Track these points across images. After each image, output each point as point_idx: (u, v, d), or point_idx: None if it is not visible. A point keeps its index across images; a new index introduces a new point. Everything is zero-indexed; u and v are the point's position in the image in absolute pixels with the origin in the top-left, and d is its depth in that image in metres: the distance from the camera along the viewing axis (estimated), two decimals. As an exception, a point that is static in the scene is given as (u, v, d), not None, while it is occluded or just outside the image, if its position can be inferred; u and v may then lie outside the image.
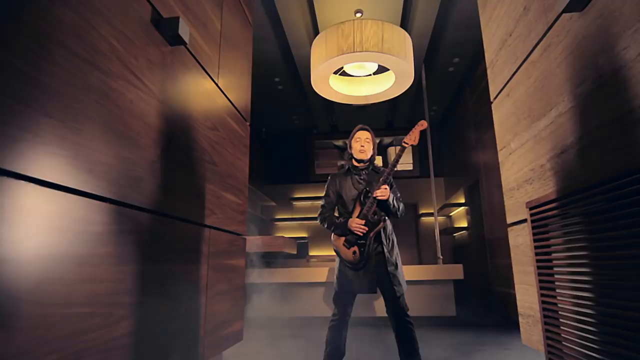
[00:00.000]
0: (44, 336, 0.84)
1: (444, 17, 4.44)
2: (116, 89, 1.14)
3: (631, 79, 1.07)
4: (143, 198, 1.24)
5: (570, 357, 1.48)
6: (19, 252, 0.79)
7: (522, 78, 1.83)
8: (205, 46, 1.84)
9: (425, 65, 5.46)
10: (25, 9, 0.83)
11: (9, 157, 0.76)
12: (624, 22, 1.09)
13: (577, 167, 1.38)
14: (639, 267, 1.09)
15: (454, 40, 4.89)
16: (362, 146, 2.22)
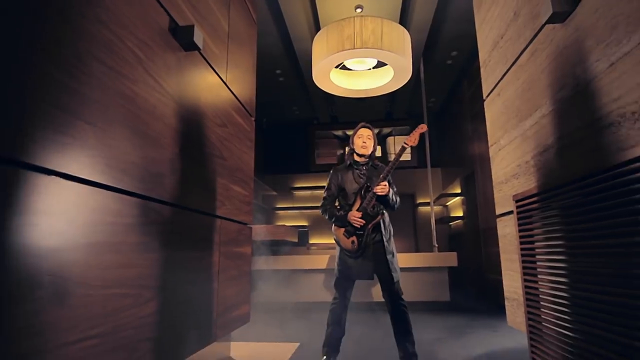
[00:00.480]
0: (88, 313, 0.97)
1: (442, 11, 4.51)
2: (140, 94, 1.26)
3: (601, 89, 1.19)
4: (164, 192, 1.37)
5: (548, 335, 1.62)
6: (67, 242, 0.92)
7: (512, 79, 1.94)
8: (214, 48, 1.95)
9: (424, 58, 5.54)
10: (67, 28, 0.95)
11: (56, 159, 0.89)
12: (597, 37, 1.21)
13: (557, 165, 1.51)
14: (609, 255, 1.22)
15: (453, 34, 4.97)
16: (364, 142, 2.34)
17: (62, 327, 0.89)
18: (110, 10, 1.11)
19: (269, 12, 4.44)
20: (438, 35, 5.05)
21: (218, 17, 2.04)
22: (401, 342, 2.11)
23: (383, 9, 4.21)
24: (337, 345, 2.25)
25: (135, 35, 1.24)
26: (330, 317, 2.27)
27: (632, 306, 1.09)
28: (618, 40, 1.11)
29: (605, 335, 1.23)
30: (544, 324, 1.68)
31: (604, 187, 1.22)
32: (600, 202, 1.25)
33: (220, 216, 1.94)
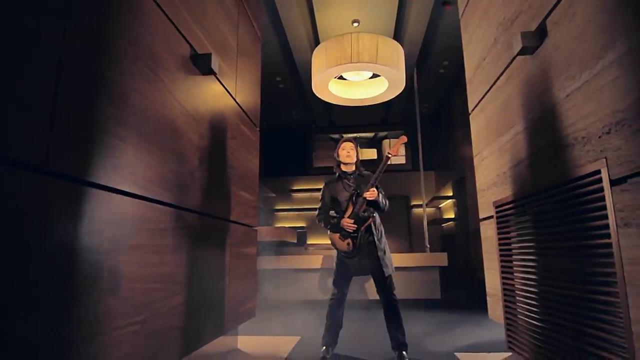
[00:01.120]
0: (133, 303, 1.17)
1: (434, 25, 4.73)
2: (168, 116, 1.45)
3: (561, 115, 1.40)
4: (188, 201, 1.57)
5: (521, 326, 1.83)
6: (118, 245, 1.11)
7: (492, 98, 2.15)
8: (226, 68, 2.14)
9: (417, 67, 5.75)
10: (116, 68, 1.14)
11: (108, 177, 1.08)
12: (557, 70, 1.42)
13: (529, 176, 1.72)
14: (572, 255, 1.41)
15: (444, 46, 5.18)
16: (348, 152, 2.54)
17: (115, 314, 1.08)
18: (145, 47, 1.31)
19: (270, 23, 4.63)
20: (430, 46, 5.27)
21: (228, 39, 2.23)
22: (393, 333, 2.32)
23: (379, 23, 4.42)
24: (336, 337, 2.45)
25: (164, 65, 1.44)
26: (329, 311, 2.47)
27: (582, 298, 1.30)
28: (572, 76, 1.32)
29: (563, 323, 1.44)
30: (518, 316, 1.88)
31: (564, 198, 1.42)
32: (561, 210, 1.46)
33: (232, 220, 2.13)
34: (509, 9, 1.87)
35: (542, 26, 1.51)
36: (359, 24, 4.42)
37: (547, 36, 1.48)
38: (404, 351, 2.27)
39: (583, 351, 1.29)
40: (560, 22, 1.39)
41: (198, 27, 1.76)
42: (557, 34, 1.42)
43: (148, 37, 1.32)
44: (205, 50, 1.79)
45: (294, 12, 4.20)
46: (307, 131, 9.23)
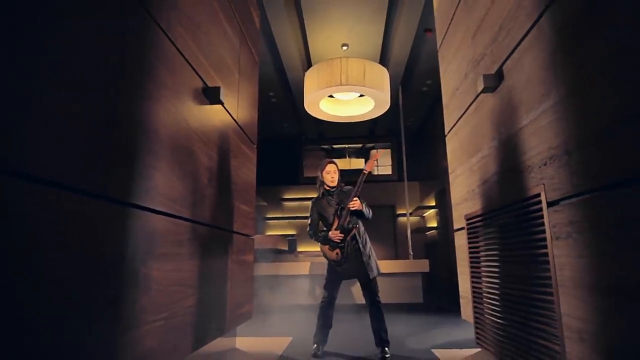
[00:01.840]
0: (159, 302, 1.38)
1: (417, 48, 5.04)
2: (185, 144, 1.67)
3: (515, 145, 1.66)
4: (199, 215, 1.79)
5: (487, 324, 2.08)
6: (149, 253, 1.32)
7: (464, 123, 2.42)
8: (229, 94, 2.37)
9: (402, 86, 6.06)
10: (149, 108, 1.36)
11: (143, 198, 1.30)
12: (512, 108, 1.68)
13: (493, 194, 1.98)
14: (523, 262, 1.66)
15: (426, 67, 5.50)
16: (332, 177, 2.77)
17: (146, 311, 1.29)
18: (170, 86, 1.53)
19: (265, 44, 4.88)
20: (414, 67, 5.58)
21: (232, 69, 2.47)
22: (376, 331, 2.55)
23: (366, 47, 4.71)
24: (326, 336, 2.67)
25: (183, 99, 1.67)
26: (320, 313, 2.69)
27: (529, 297, 1.55)
28: (521, 115, 1.59)
29: (517, 319, 1.69)
30: (485, 315, 2.13)
31: (518, 214, 1.68)
32: (516, 224, 1.72)
33: (234, 231, 2.35)
34: (476, 50, 2.15)
35: (500, 71, 1.79)
36: (348, 48, 4.70)
37: (504, 79, 1.76)
38: (386, 347, 2.51)
39: (530, 342, 1.54)
40: (512, 70, 1.66)
41: (209, 63, 1.99)
42: (511, 79, 1.69)
43: (171, 78, 1.55)
44: (214, 84, 2.02)
45: (288, 35, 4.46)
46: (298, 142, 9.49)
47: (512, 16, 1.67)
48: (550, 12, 1.37)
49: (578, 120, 1.20)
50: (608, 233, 1.07)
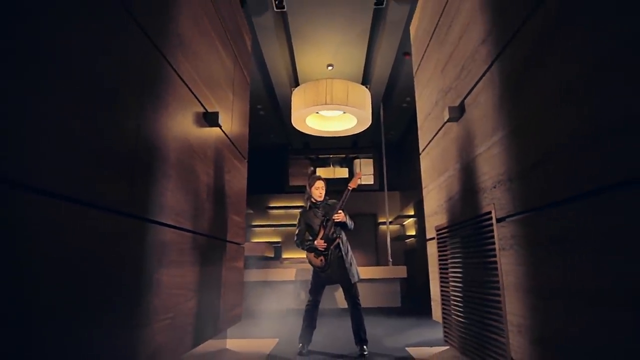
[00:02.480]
0: (166, 304, 1.57)
1: (397, 69, 5.34)
2: (190, 164, 1.87)
3: (474, 168, 1.92)
4: (199, 226, 1.98)
5: (453, 323, 2.33)
6: (160, 260, 1.52)
7: (435, 145, 2.69)
8: (225, 117, 2.58)
9: (383, 102, 6.36)
10: (163, 135, 1.56)
11: (159, 214, 1.49)
12: (471, 137, 1.95)
13: (457, 209, 2.24)
14: (480, 268, 1.90)
15: (405, 85, 5.80)
16: (320, 192, 3.00)
17: (156, 311, 1.48)
18: (177, 115, 1.74)
19: (255, 62, 5.10)
20: (394, 85, 5.89)
21: (227, 92, 2.68)
22: (356, 331, 2.77)
23: (350, 67, 4.99)
24: (310, 337, 2.87)
25: (187, 125, 1.87)
26: (305, 315, 2.89)
27: (484, 299, 1.80)
28: (478, 144, 1.85)
29: (475, 318, 1.93)
30: (452, 316, 2.38)
31: (475, 227, 1.94)
32: (474, 236, 1.97)
33: (227, 240, 2.54)
34: (445, 82, 2.42)
35: (462, 104, 2.05)
36: (333, 68, 4.97)
37: (465, 112, 2.03)
38: (364, 345, 2.73)
39: (485, 336, 1.79)
40: (471, 105, 1.93)
41: (208, 90, 2.20)
42: (470, 113, 1.96)
43: (179, 107, 1.75)
44: (213, 109, 2.23)
45: (277, 56, 4.70)
46: (284, 152, 9.69)
47: (472, 58, 1.94)
48: (500, 61, 1.64)
49: (517, 154, 1.47)
50: (540, 245, 1.33)
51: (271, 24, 4.02)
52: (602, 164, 0.99)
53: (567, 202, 1.15)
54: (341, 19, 3.98)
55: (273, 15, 3.89)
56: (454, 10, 2.23)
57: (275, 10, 3.80)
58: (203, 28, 2.15)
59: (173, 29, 1.71)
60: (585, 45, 1.06)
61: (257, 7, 3.66)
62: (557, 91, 1.20)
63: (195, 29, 2.01)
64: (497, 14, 1.64)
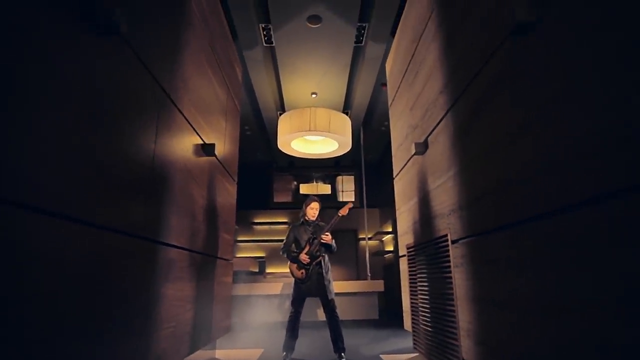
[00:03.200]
0: (169, 314, 1.78)
1: (375, 97, 5.71)
2: (190, 190, 2.11)
3: (435, 196, 2.22)
4: (195, 245, 2.20)
5: (421, 332, 2.59)
6: (166, 278, 1.74)
7: (405, 172, 2.99)
8: (219, 144, 2.82)
9: (363, 126, 6.72)
10: (169, 167, 1.80)
11: (165, 235, 1.72)
12: (433, 170, 2.25)
13: (422, 231, 2.52)
14: (440, 282, 2.18)
15: (384, 112, 6.17)
16: (314, 213, 3.27)
17: (161, 320, 1.70)
18: (181, 148, 1.98)
19: (244, 89, 5.39)
20: (373, 111, 6.25)
21: (221, 122, 2.93)
22: (334, 340, 3.00)
23: (333, 95, 5.32)
24: (293, 346, 3.08)
25: (188, 156, 2.11)
26: (288, 325, 3.10)
27: (444, 309, 2.07)
28: (437, 177, 2.16)
29: (437, 326, 2.20)
30: (420, 325, 2.64)
31: (436, 247, 2.22)
32: (435, 254, 2.25)
33: (218, 256, 2.76)
34: (413, 119, 2.74)
35: (426, 141, 2.37)
36: (317, 95, 5.29)
37: (429, 148, 2.34)
38: (342, 353, 2.96)
39: (444, 342, 2.05)
40: (433, 143, 2.24)
41: (204, 122, 2.46)
42: (432, 149, 2.27)
43: (182, 141, 2.00)
44: (210, 140, 2.48)
45: (264, 83, 5.00)
46: (269, 169, 9.93)
47: (433, 104, 2.26)
48: (453, 110, 1.95)
49: (465, 188, 1.77)
50: (479, 264, 1.62)
51: (260, 57, 4.32)
52: (518, 203, 1.29)
53: (495, 230, 1.45)
54: (325, 54, 4.31)
55: (262, 50, 4.19)
56: (420, 59, 2.56)
57: (265, 45, 4.10)
58: (201, 67, 2.41)
59: (179, 75, 1.97)
60: (508, 111, 1.37)
61: (248, 42, 3.95)
62: (489, 142, 1.52)
63: (195, 70, 2.27)
64: (451, 71, 1.97)
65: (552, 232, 1.10)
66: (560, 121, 1.06)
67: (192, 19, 2.20)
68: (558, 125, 1.07)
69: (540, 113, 1.16)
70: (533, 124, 1.20)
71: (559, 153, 1.07)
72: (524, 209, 1.25)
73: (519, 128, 1.29)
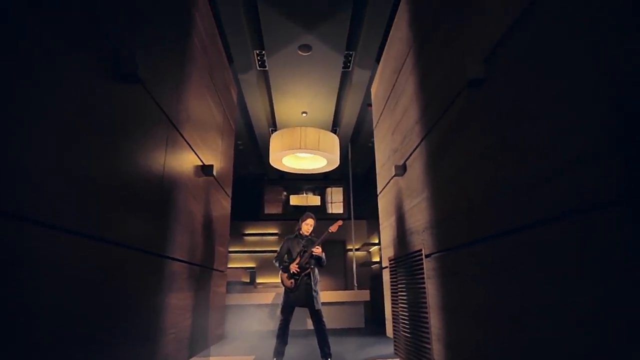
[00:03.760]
0: (172, 321, 1.95)
1: (362, 115, 5.98)
2: (190, 209, 2.29)
3: (412, 215, 2.44)
4: (194, 258, 2.38)
5: (401, 338, 2.78)
6: (169, 289, 1.91)
7: (388, 190, 3.22)
8: (215, 163, 3.02)
9: (351, 142, 6.97)
10: (176, 188, 1.99)
11: (170, 250, 1.90)
12: (409, 191, 2.48)
13: (400, 245, 2.74)
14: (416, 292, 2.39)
15: (370, 129, 6.43)
16: (308, 228, 3.48)
17: (165, 327, 1.86)
18: (186, 173, 2.17)
19: (238, 107, 5.59)
20: (361, 129, 6.52)
21: (217, 142, 3.13)
22: (321, 346, 3.17)
23: (322, 114, 5.57)
24: (283, 351, 3.24)
25: (189, 177, 2.30)
26: (278, 332, 3.27)
27: (419, 316, 2.28)
28: (413, 197, 2.38)
29: (415, 332, 2.40)
30: (400, 332, 2.84)
31: (412, 260, 2.44)
32: (412, 267, 2.47)
33: (213, 268, 2.93)
34: (394, 144, 2.98)
35: (404, 164, 2.60)
36: (307, 114, 5.54)
37: (407, 170, 2.57)
38: (328, 358, 3.13)
39: (420, 347, 2.26)
40: (410, 167, 2.48)
41: (203, 145, 2.65)
42: (409, 172, 2.50)
43: (184, 163, 2.19)
44: (209, 162, 2.67)
45: (258, 104, 5.22)
46: (260, 182, 10.10)
47: (411, 131, 2.50)
48: (426, 140, 2.19)
49: (435, 210, 2.00)
50: (445, 276, 1.84)
51: (254, 79, 4.55)
52: (475, 225, 1.52)
53: (459, 247, 1.67)
54: (315, 78, 4.56)
55: (256, 73, 4.42)
56: (400, 90, 2.82)
57: (259, 69, 4.33)
58: (201, 94, 2.62)
59: (182, 104, 2.17)
60: (467, 145, 1.61)
61: (243, 66, 4.18)
62: (455, 170, 1.75)
63: (195, 98, 2.47)
64: (425, 106, 2.22)
65: (493, 252, 1.33)
66: (503, 158, 1.30)
67: (194, 53, 2.42)
68: (500, 162, 1.31)
69: (488, 152, 1.40)
70: (485, 158, 1.43)
71: (496, 187, 1.30)
72: (479, 230, 1.48)
73: (475, 160, 1.53)
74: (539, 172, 1.09)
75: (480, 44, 1.46)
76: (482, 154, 1.45)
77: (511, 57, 1.26)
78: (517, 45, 1.23)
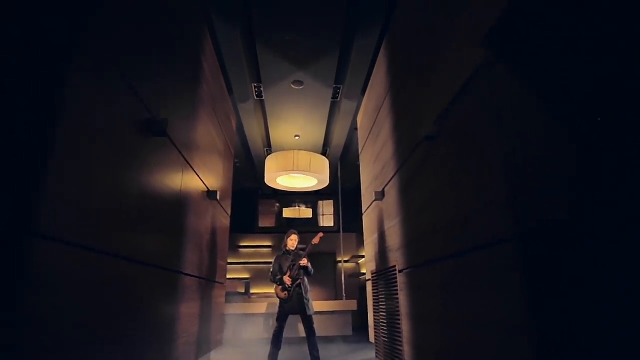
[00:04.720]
0: (183, 327, 2.25)
1: (351, 137, 6.36)
2: (198, 229, 2.61)
3: (389, 235, 2.78)
4: (202, 272, 2.69)
5: (381, 344, 3.10)
6: (182, 299, 2.22)
7: (371, 211, 3.57)
8: (219, 190, 3.34)
9: (341, 160, 7.33)
10: (188, 212, 2.31)
11: (183, 267, 2.21)
12: (387, 214, 2.83)
13: (380, 261, 3.07)
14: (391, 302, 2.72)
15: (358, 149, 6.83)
16: (293, 244, 3.80)
17: (179, 332, 2.16)
18: (195, 199, 2.49)
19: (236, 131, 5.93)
20: (349, 148, 6.90)
21: (219, 167, 3.46)
22: (311, 351, 3.46)
23: (314, 136, 5.94)
24: (276, 356, 3.52)
25: (195, 200, 2.62)
26: (272, 338, 3.56)
27: (394, 323, 2.61)
28: (390, 219, 2.73)
29: (392, 337, 2.72)
30: (381, 338, 3.15)
31: (388, 275, 2.77)
32: (388, 280, 2.80)
33: (215, 280, 3.23)
34: (376, 170, 3.34)
35: (383, 190, 2.96)
36: (300, 137, 5.90)
37: (385, 196, 2.92)
38: (317, 362, 3.43)
39: (395, 349, 2.58)
40: (388, 193, 2.83)
41: (209, 173, 2.98)
42: (387, 198, 2.85)
43: (193, 191, 2.51)
44: (213, 187, 3.00)
45: (254, 127, 5.57)
46: (255, 196, 10.39)
47: (388, 163, 2.86)
48: (399, 174, 2.55)
49: (405, 233, 2.34)
50: (412, 289, 2.17)
51: (252, 108, 4.91)
52: (432, 247, 1.87)
53: (421, 265, 2.02)
54: (306, 106, 4.94)
55: (254, 102, 4.78)
56: (380, 125, 3.19)
57: (256, 99, 4.70)
58: (206, 127, 2.95)
59: (192, 141, 2.50)
60: (426, 182, 1.97)
61: (242, 96, 4.54)
62: (418, 202, 2.11)
63: (201, 131, 2.81)
64: (397, 145, 2.58)
65: (442, 272, 1.67)
66: (448, 196, 1.65)
67: (203, 95, 2.77)
68: (445, 199, 1.67)
69: (438, 191, 1.76)
70: (435, 195, 1.79)
71: (444, 218, 1.65)
72: (432, 253, 1.82)
73: (431, 196, 1.88)
74: (467, 211, 1.45)
75: (435, 105, 1.83)
76: (433, 193, 1.81)
77: (454, 121, 1.63)
78: (458, 112, 1.60)
